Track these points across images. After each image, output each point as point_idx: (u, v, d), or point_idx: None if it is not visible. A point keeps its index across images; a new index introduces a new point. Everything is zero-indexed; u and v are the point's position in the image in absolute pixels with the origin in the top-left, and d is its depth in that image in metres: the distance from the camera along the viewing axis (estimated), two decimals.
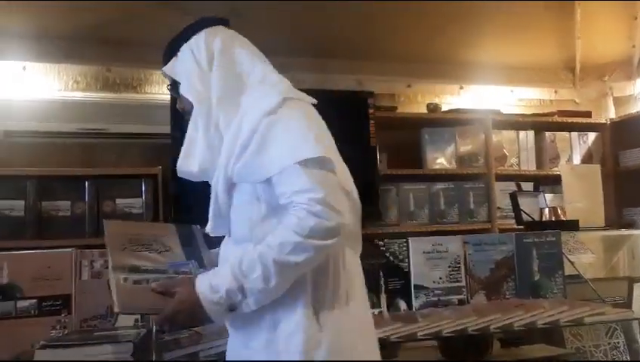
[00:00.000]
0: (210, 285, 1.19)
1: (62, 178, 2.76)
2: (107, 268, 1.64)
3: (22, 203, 2.64)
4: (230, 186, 1.27)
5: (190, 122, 1.35)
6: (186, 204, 2.71)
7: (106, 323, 1.69)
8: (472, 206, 3.35)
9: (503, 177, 3.43)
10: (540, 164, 3.57)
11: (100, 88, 3.00)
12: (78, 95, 2.95)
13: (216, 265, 1.34)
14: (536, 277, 2.17)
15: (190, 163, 1.33)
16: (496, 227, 3.31)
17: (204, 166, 1.31)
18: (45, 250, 1.85)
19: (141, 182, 2.81)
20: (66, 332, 1.68)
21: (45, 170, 2.75)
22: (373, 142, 3.16)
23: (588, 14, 3.46)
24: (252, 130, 1.22)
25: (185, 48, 1.36)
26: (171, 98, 2.78)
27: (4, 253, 1.74)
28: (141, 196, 2.80)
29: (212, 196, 1.30)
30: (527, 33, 3.48)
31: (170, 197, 2.78)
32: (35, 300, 1.67)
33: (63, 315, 1.70)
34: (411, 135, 3.40)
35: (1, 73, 2.86)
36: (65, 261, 1.74)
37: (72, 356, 1.42)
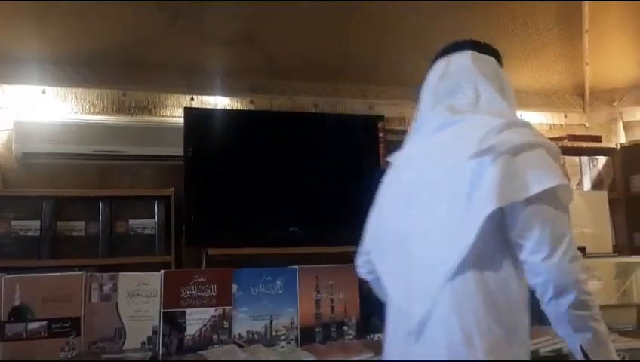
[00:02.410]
0: None
1: (77, 199, 2.83)
2: (116, 291, 1.67)
3: (37, 223, 2.70)
4: None
5: None
6: (199, 226, 2.76)
7: (114, 346, 1.72)
8: None
9: None
10: None
11: (115, 111, 3.08)
12: (95, 118, 3.03)
13: None
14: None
15: None
16: None
17: None
18: (56, 273, 1.89)
19: (154, 203, 2.86)
20: (74, 354, 1.72)
21: (61, 191, 2.83)
22: (384, 165, 3.17)
23: (596, 40, 3.47)
24: None
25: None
26: (184, 121, 2.88)
27: (16, 275, 1.79)
28: (154, 217, 2.85)
29: None
30: (535, 58, 3.49)
31: (184, 218, 2.81)
32: (45, 322, 1.71)
33: (71, 337, 1.74)
34: None
35: (21, 97, 2.95)
36: (75, 283, 1.79)
37: None
